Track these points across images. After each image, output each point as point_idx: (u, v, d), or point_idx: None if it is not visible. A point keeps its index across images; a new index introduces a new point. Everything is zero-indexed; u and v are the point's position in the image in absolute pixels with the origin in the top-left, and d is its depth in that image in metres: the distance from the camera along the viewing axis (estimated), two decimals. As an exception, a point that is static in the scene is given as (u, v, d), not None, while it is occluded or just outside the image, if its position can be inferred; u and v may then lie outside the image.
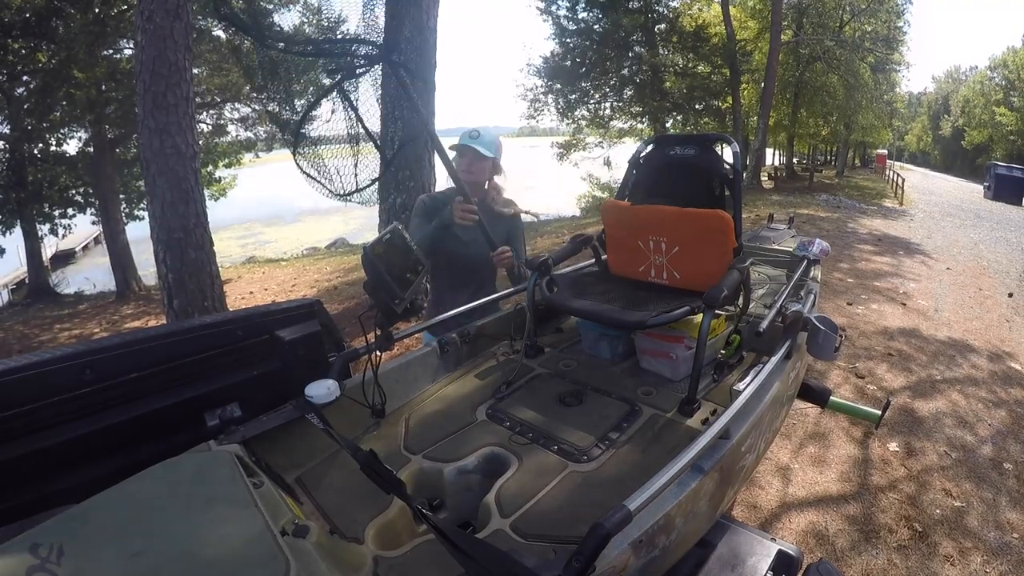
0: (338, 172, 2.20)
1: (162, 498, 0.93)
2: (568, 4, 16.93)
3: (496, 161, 2.20)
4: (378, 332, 1.61)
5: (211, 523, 0.89)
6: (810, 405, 2.55)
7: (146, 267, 9.59)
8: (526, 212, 2.37)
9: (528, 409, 1.67)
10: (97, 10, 8.71)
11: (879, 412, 2.37)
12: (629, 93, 18.05)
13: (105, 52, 9.13)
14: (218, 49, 9.71)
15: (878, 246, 8.44)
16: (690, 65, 18.19)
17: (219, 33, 9.97)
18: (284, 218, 24.72)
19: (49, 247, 14.05)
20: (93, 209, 10.42)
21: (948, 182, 27.94)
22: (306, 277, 8.23)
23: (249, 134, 11.71)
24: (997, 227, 11.66)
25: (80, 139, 10.02)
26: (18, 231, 9.99)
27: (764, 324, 2.00)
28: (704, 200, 2.04)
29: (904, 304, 5.35)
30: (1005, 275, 7.00)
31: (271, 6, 10.24)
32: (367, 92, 2.14)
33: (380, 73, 2.12)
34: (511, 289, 2.37)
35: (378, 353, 1.64)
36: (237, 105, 10.98)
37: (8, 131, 9.24)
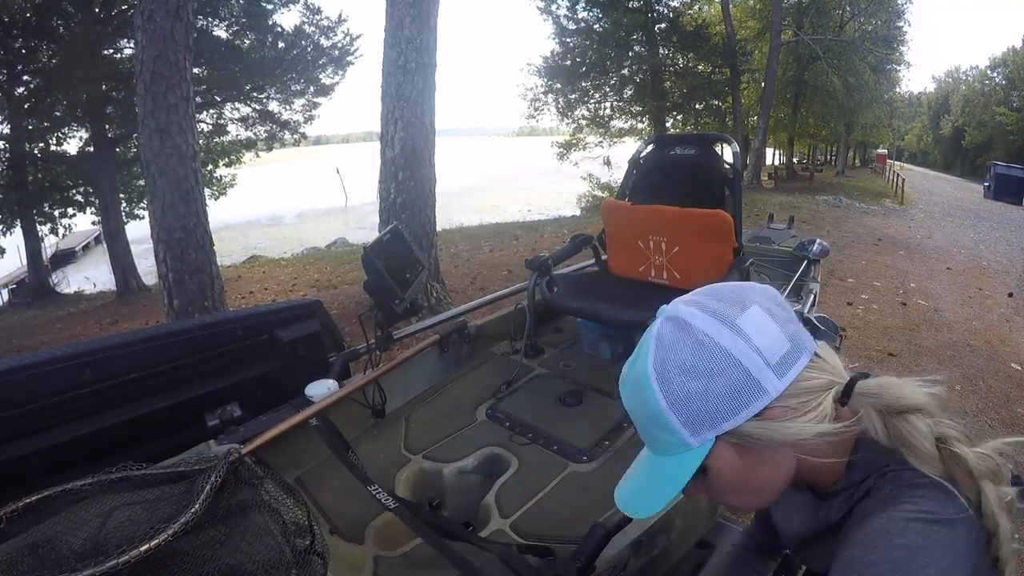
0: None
1: None
2: (568, 3, 16.93)
3: None
4: (378, 332, 1.61)
5: None
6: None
7: (146, 267, 9.60)
8: None
9: (528, 409, 1.68)
10: (97, 9, 8.71)
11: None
12: (629, 93, 18.03)
13: (106, 52, 9.12)
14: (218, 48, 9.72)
15: (878, 246, 8.43)
16: (690, 65, 18.18)
17: (220, 33, 9.98)
18: (284, 218, 24.70)
19: (49, 247, 14.03)
20: (93, 208, 10.41)
21: (948, 182, 27.92)
22: (306, 277, 8.22)
23: (249, 134, 11.70)
24: (997, 227, 11.65)
25: (80, 138, 10.02)
26: (18, 230, 9.98)
27: (764, 324, 2.00)
28: (704, 200, 2.04)
29: (904, 304, 5.35)
30: (1005, 275, 7.00)
31: (270, 6, 10.22)
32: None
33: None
34: (511, 288, 2.37)
35: (378, 353, 1.64)
36: (237, 105, 10.97)
37: (8, 131, 9.24)
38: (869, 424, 0.55)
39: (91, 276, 13.09)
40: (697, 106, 18.51)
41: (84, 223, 12.09)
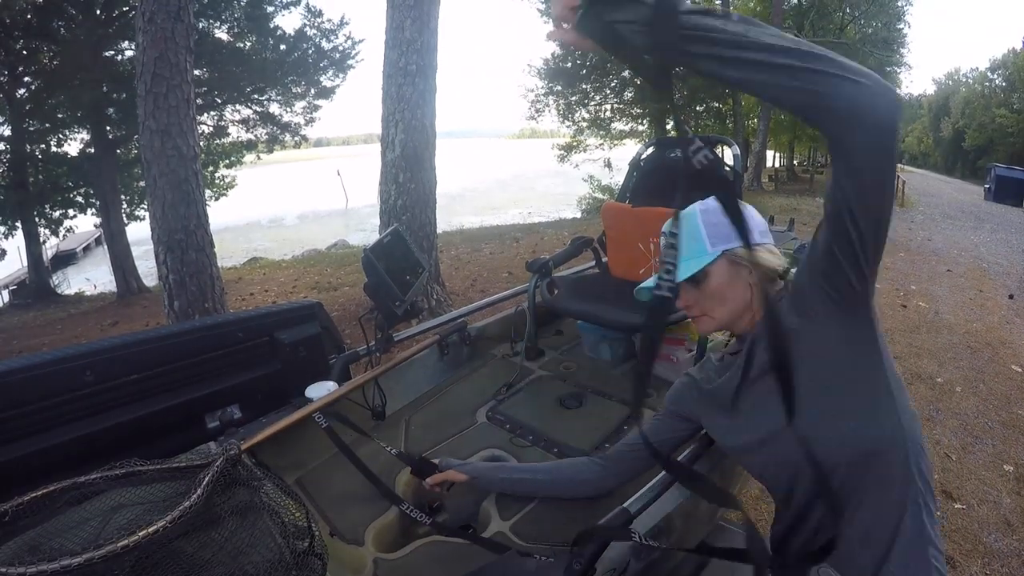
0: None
1: None
2: (569, 5, 16.91)
3: None
4: (379, 334, 1.61)
5: None
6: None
7: (147, 268, 9.60)
8: None
9: (528, 411, 1.68)
10: (99, 11, 8.73)
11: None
12: (630, 95, 18.04)
13: (107, 53, 9.14)
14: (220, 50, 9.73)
15: (879, 248, 8.41)
16: (691, 66, 18.16)
17: (221, 35, 10.00)
18: (285, 219, 24.73)
19: (50, 248, 14.04)
20: (94, 210, 10.42)
21: (949, 184, 27.92)
22: (307, 279, 8.22)
23: (250, 135, 11.71)
24: (997, 229, 11.65)
25: (81, 140, 10.04)
26: (19, 232, 9.99)
27: (764, 326, 2.00)
28: (704, 202, 2.04)
29: (904, 306, 5.35)
30: (1006, 277, 6.99)
31: (271, 9, 10.24)
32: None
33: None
34: (511, 290, 2.37)
35: (378, 355, 1.64)
36: (238, 107, 10.99)
37: (9, 132, 9.26)
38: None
39: (91, 277, 13.11)
40: (698, 108, 18.51)
41: (85, 224, 12.11)
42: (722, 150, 2.47)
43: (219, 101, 10.54)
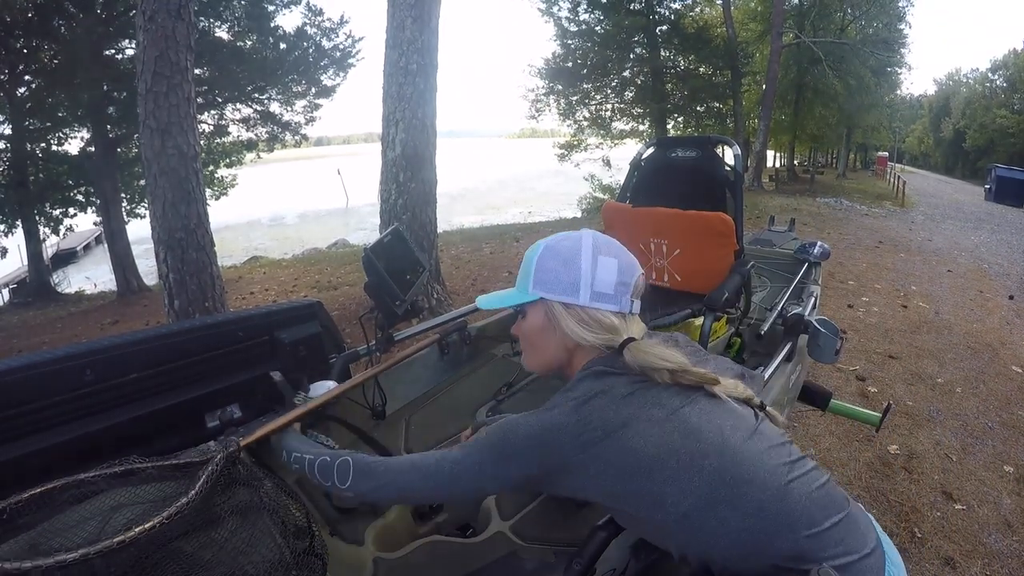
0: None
1: None
2: (570, 5, 16.94)
3: None
4: (379, 333, 1.61)
5: None
6: (811, 408, 2.54)
7: (147, 267, 9.61)
8: None
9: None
10: (99, 10, 8.72)
11: (880, 415, 2.36)
12: (630, 95, 18.03)
13: (107, 52, 9.13)
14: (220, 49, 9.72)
15: (879, 248, 8.43)
16: (691, 67, 18.18)
17: (222, 34, 9.99)
18: (286, 218, 24.73)
19: (50, 247, 14.04)
20: (94, 208, 10.41)
21: (949, 184, 27.92)
22: (307, 278, 8.22)
23: (251, 134, 11.70)
24: (998, 229, 11.65)
25: (82, 139, 10.03)
26: (20, 230, 9.99)
27: (765, 327, 2.00)
28: (705, 202, 2.04)
29: (905, 306, 5.35)
30: (1006, 278, 7.00)
31: (272, 7, 10.23)
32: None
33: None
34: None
35: (379, 354, 1.64)
36: (238, 106, 10.97)
37: (10, 131, 9.25)
38: (631, 360, 0.82)
39: (92, 276, 13.13)
40: (698, 108, 18.50)
41: (85, 223, 12.11)
42: (723, 150, 2.47)
43: (219, 100, 10.53)
